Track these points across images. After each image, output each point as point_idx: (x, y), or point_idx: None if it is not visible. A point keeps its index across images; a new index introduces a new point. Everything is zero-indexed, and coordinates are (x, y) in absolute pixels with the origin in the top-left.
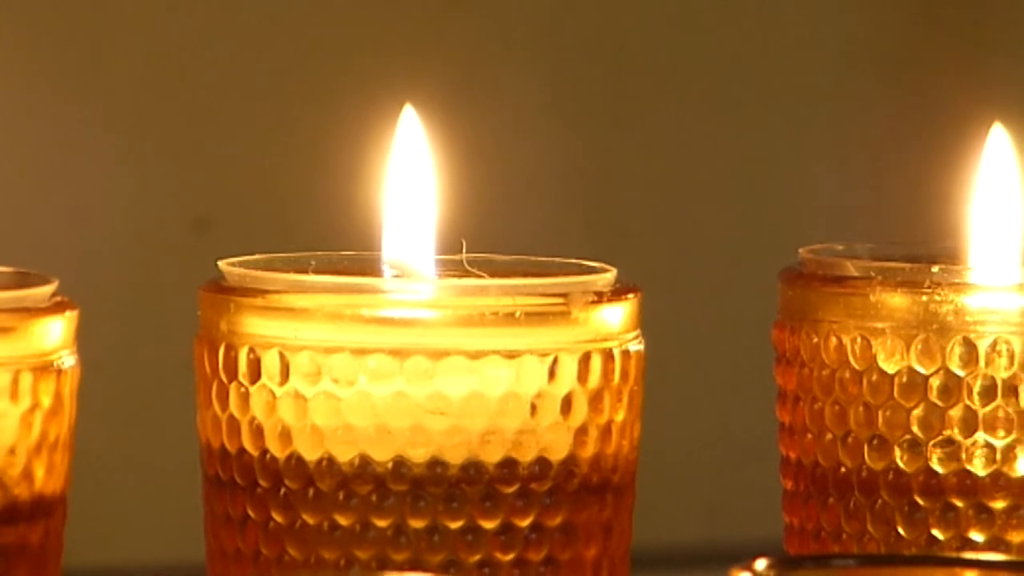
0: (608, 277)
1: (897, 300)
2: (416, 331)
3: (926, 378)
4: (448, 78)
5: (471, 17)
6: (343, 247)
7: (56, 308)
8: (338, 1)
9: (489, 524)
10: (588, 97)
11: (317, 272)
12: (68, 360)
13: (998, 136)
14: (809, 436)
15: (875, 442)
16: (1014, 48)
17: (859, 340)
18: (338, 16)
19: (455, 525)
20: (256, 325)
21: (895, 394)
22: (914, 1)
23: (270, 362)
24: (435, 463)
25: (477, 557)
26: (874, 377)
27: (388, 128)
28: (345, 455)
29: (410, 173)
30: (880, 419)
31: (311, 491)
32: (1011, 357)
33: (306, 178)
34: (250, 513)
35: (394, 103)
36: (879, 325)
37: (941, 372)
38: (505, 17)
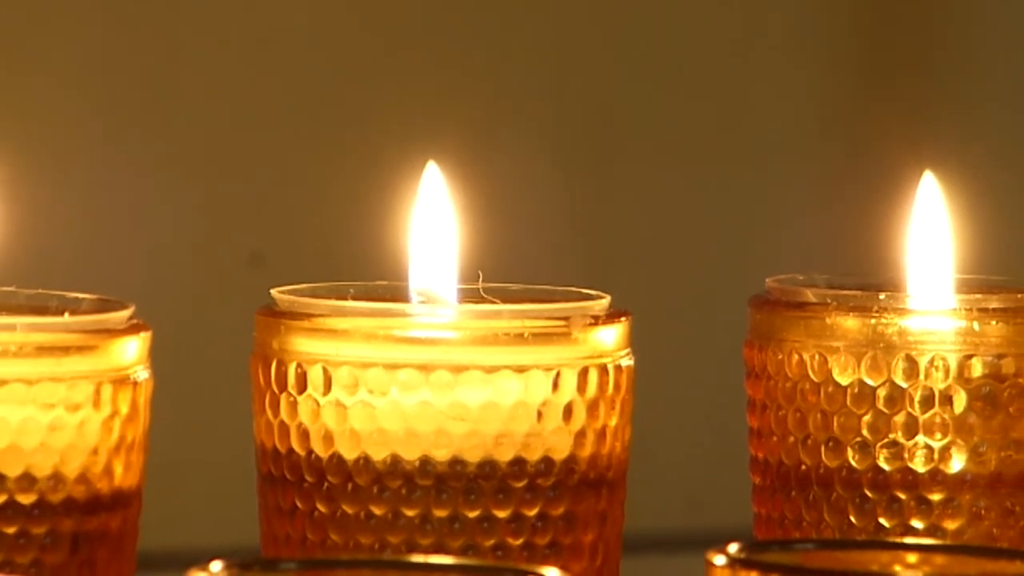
0: (603, 303)
1: (849, 323)
2: (439, 349)
3: (874, 389)
4: (465, 138)
5: (484, 87)
6: (377, 277)
7: (132, 329)
8: (376, 77)
9: (502, 514)
10: (584, 152)
11: (355, 299)
12: (142, 374)
13: (928, 182)
14: (775, 438)
15: (831, 444)
16: (940, 111)
17: (817, 357)
18: (375, 88)
19: (473, 515)
20: (303, 344)
21: (848, 403)
22: (860, 73)
23: (315, 375)
24: (456, 462)
25: (492, 542)
26: (830, 388)
27: (415, 179)
28: (379, 455)
29: (433, 216)
30: (835, 424)
31: (350, 485)
32: (946, 371)
33: (346, 220)
34: (298, 504)
35: (420, 159)
36: (834, 344)
37: (887, 384)
38: (513, 87)
